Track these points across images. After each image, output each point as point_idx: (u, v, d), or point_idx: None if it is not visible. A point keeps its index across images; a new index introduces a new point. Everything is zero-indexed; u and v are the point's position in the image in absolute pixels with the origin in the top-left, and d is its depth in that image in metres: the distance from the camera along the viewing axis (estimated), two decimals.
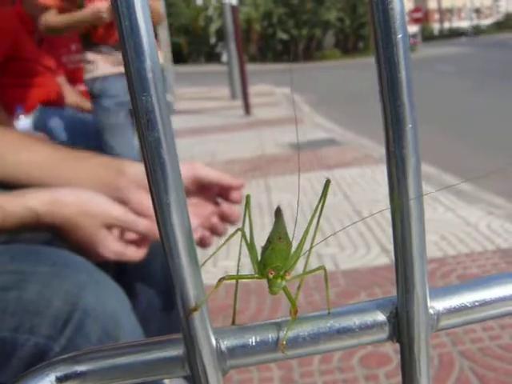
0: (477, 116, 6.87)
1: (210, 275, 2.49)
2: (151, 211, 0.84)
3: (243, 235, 0.35)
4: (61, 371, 0.28)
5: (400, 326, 0.28)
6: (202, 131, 6.84)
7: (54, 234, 0.86)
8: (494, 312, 0.29)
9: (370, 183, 3.79)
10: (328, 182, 0.35)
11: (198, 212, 0.97)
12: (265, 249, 0.34)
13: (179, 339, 0.28)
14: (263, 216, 3.19)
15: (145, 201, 0.90)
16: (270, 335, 0.29)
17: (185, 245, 0.25)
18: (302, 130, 6.34)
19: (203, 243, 0.99)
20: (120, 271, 0.96)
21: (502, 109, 7.13)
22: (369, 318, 0.29)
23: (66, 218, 0.83)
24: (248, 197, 0.37)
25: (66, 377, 0.28)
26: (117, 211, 0.86)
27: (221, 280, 0.30)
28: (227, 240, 0.38)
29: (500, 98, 8.11)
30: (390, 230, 0.26)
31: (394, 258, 0.27)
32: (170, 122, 0.23)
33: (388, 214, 0.27)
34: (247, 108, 8.04)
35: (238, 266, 0.37)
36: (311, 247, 0.33)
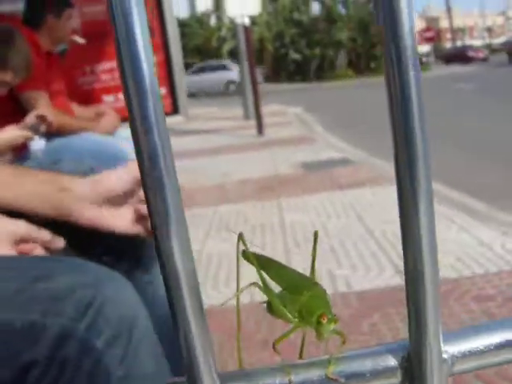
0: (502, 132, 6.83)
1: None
2: (103, 226, 0.89)
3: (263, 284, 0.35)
4: None
5: (413, 372, 0.27)
6: (215, 151, 6.85)
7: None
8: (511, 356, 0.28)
9: (382, 203, 3.76)
10: (316, 234, 0.38)
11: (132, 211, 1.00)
12: (296, 295, 0.34)
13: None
14: (276, 235, 3.17)
15: (94, 218, 0.94)
16: (278, 379, 0.27)
17: (188, 287, 0.24)
18: (315, 149, 6.34)
19: (150, 233, 1.00)
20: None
21: None
22: (380, 363, 0.27)
23: None
24: (240, 235, 0.37)
25: None
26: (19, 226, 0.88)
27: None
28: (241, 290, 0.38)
29: None
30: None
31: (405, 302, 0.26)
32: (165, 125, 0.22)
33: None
34: (260, 128, 8.05)
35: (239, 325, 0.36)
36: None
